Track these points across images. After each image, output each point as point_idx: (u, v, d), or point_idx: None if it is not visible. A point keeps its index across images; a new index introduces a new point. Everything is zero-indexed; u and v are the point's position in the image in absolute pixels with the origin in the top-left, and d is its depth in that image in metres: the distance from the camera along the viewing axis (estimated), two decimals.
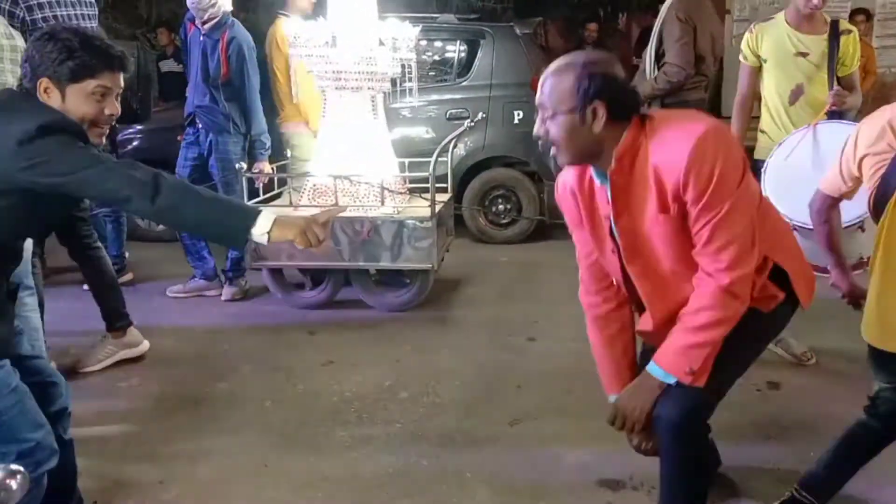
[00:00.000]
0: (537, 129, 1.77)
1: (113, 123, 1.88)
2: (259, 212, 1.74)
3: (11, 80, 2.52)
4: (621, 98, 1.72)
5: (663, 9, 4.02)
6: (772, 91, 3.26)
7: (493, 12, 7.86)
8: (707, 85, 4.21)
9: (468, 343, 3.66)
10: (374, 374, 3.27)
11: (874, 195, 1.96)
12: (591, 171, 1.83)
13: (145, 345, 3.46)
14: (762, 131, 3.33)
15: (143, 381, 3.24)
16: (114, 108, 1.82)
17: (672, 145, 1.68)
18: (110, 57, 1.79)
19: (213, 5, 3.94)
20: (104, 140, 1.93)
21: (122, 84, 1.84)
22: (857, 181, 2.06)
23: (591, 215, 1.89)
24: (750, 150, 3.26)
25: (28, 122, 1.65)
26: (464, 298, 4.37)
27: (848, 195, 2.13)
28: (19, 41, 2.67)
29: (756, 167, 3.23)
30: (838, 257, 2.21)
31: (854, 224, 2.44)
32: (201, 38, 4.03)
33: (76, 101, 1.75)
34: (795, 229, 2.81)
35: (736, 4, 7.76)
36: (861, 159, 1.99)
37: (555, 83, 1.72)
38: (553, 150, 1.76)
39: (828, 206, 2.16)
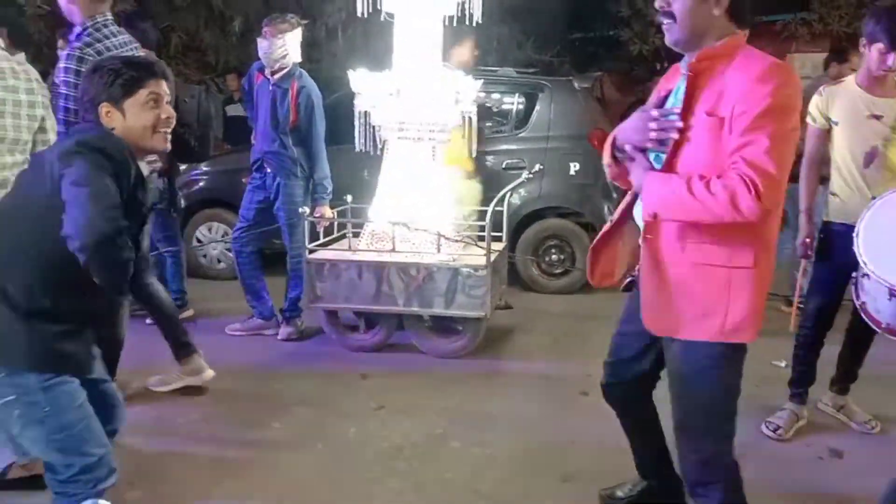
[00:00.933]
0: (658, 1, 1.90)
1: (170, 164, 2.05)
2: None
3: (26, 136, 2.58)
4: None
5: None
6: (844, 154, 3.20)
7: (549, 65, 7.97)
8: None
9: (519, 394, 3.64)
10: (424, 422, 3.28)
11: None
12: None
13: (209, 373, 3.54)
14: (833, 194, 3.25)
15: (202, 417, 3.32)
16: (168, 111, 2.03)
17: (752, 62, 1.81)
18: (151, 67, 2.04)
19: (284, 56, 4.11)
20: (167, 144, 2.07)
21: (168, 91, 2.06)
22: None
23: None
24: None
25: (72, 140, 1.90)
26: (515, 348, 4.37)
27: None
28: (39, 97, 2.67)
29: (828, 230, 3.20)
30: None
31: None
32: (271, 88, 4.20)
33: (135, 113, 1.97)
34: (893, 296, 2.74)
35: (796, 62, 7.75)
36: None
37: None
38: (664, 24, 1.89)
39: None
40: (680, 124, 1.86)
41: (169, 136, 2.06)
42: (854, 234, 2.78)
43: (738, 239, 1.85)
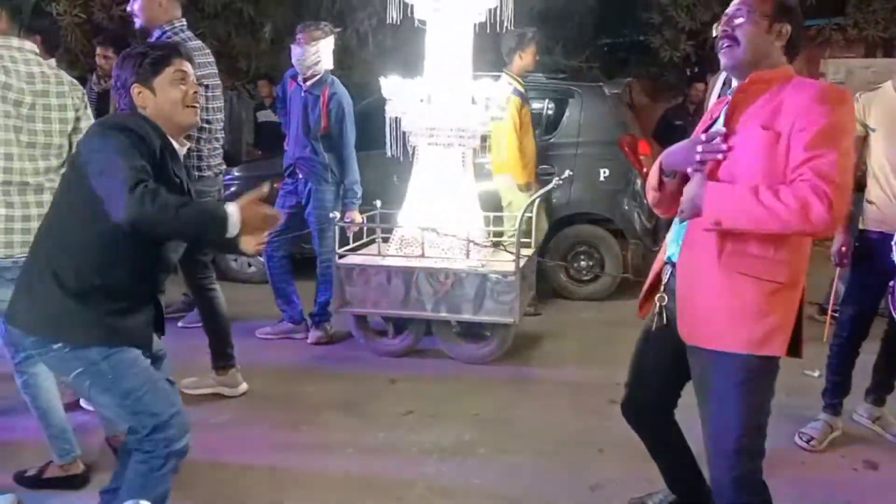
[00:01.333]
0: (724, 24, 1.97)
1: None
2: (225, 208, 1.91)
3: (58, 140, 2.62)
4: (800, 36, 1.98)
5: None
6: (882, 161, 3.15)
7: (578, 71, 7.93)
8: None
9: (548, 401, 3.63)
10: (453, 427, 3.29)
11: None
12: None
13: (243, 387, 3.62)
14: (870, 202, 3.21)
15: (234, 419, 3.36)
16: (195, 87, 2.15)
17: (808, 84, 1.90)
18: (174, 47, 2.17)
19: (317, 63, 4.16)
20: (197, 118, 2.18)
21: (193, 71, 2.17)
22: None
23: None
24: None
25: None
26: (544, 354, 4.36)
27: None
28: (70, 99, 2.69)
29: (864, 238, 3.15)
30: None
31: None
32: (303, 94, 4.25)
33: (164, 90, 2.08)
34: None
35: (831, 68, 7.63)
36: None
37: None
38: (724, 46, 1.96)
39: None
40: (724, 147, 1.90)
41: (198, 112, 2.17)
42: (893, 243, 2.74)
43: (776, 254, 1.88)
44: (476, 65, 4.22)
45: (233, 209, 1.90)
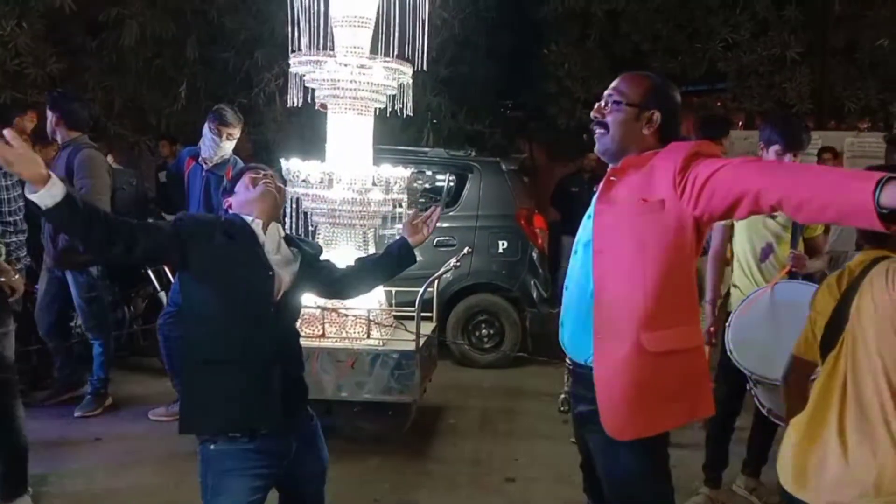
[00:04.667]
0: (596, 111, 2.03)
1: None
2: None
3: None
4: (673, 122, 2.03)
5: None
6: (744, 248, 3.44)
7: (481, 135, 8.22)
8: None
9: (448, 482, 3.68)
10: None
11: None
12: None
13: None
14: (734, 286, 3.49)
15: None
16: (268, 178, 2.26)
17: (672, 148, 1.94)
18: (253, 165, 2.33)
19: (225, 153, 4.20)
20: None
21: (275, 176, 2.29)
22: None
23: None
24: None
25: None
26: (445, 429, 4.42)
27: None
28: None
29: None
30: None
31: None
32: (203, 174, 4.23)
33: (245, 185, 2.22)
34: (758, 384, 2.97)
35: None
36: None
37: (633, 79, 2.04)
38: (596, 132, 2.02)
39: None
40: None
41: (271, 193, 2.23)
42: (727, 325, 3.01)
43: (685, 321, 1.96)
44: (377, 137, 4.31)
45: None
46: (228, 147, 4.18)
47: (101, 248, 2.04)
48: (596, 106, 2.06)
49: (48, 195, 1.81)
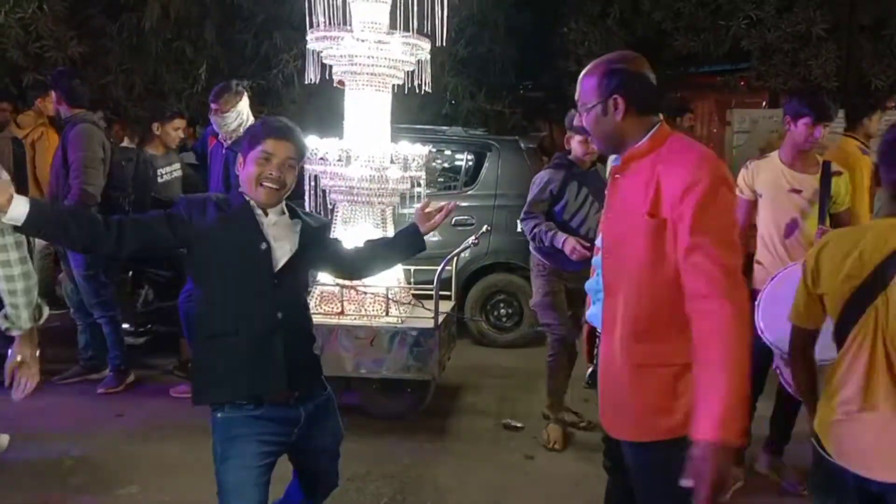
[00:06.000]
0: (576, 120, 2.01)
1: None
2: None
3: None
4: (641, 92, 1.90)
5: None
6: (768, 224, 3.39)
7: (501, 115, 8.16)
8: None
9: (468, 458, 3.68)
10: (372, 489, 3.30)
11: None
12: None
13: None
14: (758, 262, 3.44)
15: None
16: (277, 171, 2.16)
17: (681, 156, 1.84)
18: (272, 126, 2.22)
19: (240, 125, 4.17)
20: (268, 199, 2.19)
21: (290, 152, 2.19)
22: None
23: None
24: None
25: None
26: (464, 407, 4.42)
27: None
28: None
29: (753, 296, 3.34)
30: None
31: None
32: (224, 151, 4.23)
33: (248, 166, 2.17)
34: (782, 358, 2.92)
35: (736, 117, 8.08)
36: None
37: (584, 80, 1.96)
38: (589, 140, 2.00)
39: None
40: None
41: (274, 193, 2.18)
42: (756, 302, 2.96)
43: (679, 335, 1.83)
44: (395, 116, 4.28)
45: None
46: (230, 120, 4.16)
47: (86, 247, 2.20)
48: (575, 119, 2.04)
49: (16, 213, 1.90)
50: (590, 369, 2.18)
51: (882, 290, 1.79)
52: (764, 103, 9.48)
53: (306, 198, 4.14)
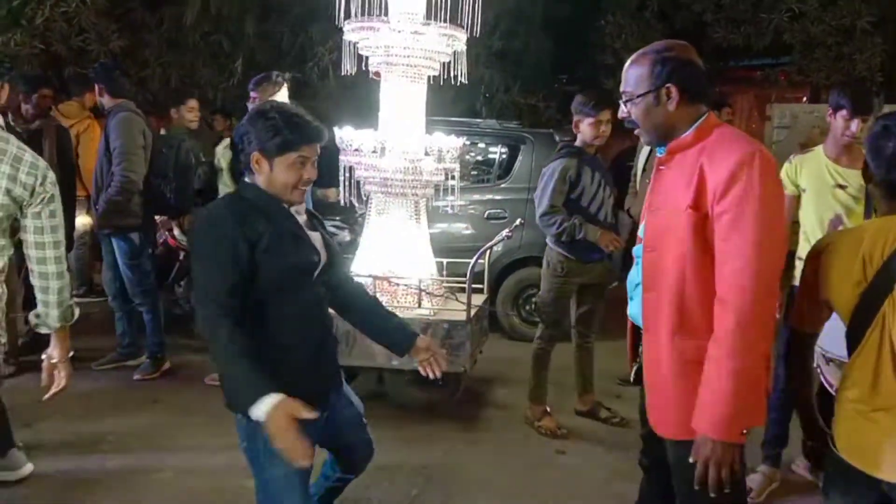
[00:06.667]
0: (622, 111, 1.95)
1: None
2: (265, 394, 1.84)
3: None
4: (693, 80, 1.88)
5: None
6: (812, 220, 3.30)
7: (535, 109, 8.10)
8: None
9: (498, 451, 3.67)
10: (402, 481, 3.30)
11: None
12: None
13: (26, 469, 3.21)
14: (800, 258, 3.35)
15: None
16: (311, 173, 2.10)
17: (726, 148, 1.80)
18: (308, 132, 2.07)
19: None
20: (303, 199, 2.17)
21: (319, 151, 2.12)
22: None
23: None
24: None
25: None
26: (495, 400, 4.39)
27: None
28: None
29: (794, 293, 3.27)
30: None
31: None
32: None
33: (281, 170, 2.05)
34: (830, 361, 2.83)
35: (776, 112, 7.90)
36: None
37: (632, 68, 1.92)
38: (637, 131, 1.95)
39: None
40: None
41: (304, 193, 2.14)
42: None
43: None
44: (429, 109, 4.27)
45: (266, 406, 1.81)
46: None
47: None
48: (619, 111, 1.98)
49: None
50: (634, 367, 2.14)
51: (889, 293, 1.74)
52: (805, 98, 9.28)
53: (340, 189, 4.15)
